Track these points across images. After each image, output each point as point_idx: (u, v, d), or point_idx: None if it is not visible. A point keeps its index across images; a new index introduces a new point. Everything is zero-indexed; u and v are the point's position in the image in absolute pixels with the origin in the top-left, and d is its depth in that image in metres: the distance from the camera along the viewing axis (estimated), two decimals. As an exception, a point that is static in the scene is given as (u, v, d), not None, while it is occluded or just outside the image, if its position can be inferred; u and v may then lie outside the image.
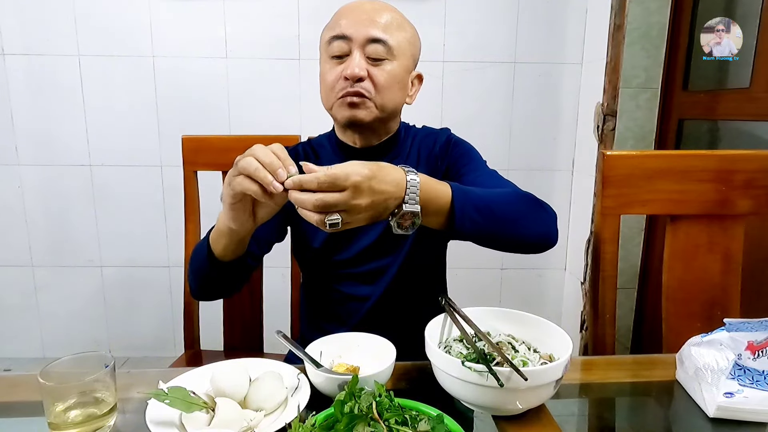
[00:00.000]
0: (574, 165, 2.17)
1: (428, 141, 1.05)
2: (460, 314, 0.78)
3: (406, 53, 0.95)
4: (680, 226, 1.04)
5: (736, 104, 1.60)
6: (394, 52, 0.92)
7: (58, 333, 2.25)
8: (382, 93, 0.92)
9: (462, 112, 2.10)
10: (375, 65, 0.91)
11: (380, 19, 0.91)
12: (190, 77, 2.04)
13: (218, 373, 0.69)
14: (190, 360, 1.26)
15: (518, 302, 2.19)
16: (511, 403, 0.67)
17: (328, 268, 1.02)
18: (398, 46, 0.92)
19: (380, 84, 0.91)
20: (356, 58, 0.89)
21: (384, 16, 0.92)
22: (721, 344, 0.73)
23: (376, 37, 0.90)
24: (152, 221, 2.15)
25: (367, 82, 0.90)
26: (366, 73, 0.90)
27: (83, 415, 0.63)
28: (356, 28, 0.90)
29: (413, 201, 0.69)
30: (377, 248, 0.98)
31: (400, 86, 0.95)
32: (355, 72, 0.88)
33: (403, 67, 0.94)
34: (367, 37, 0.89)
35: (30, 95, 2.03)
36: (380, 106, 0.93)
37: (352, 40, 0.90)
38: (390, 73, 0.92)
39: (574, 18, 2.05)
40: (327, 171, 0.63)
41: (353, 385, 0.58)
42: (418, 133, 1.07)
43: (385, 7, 0.93)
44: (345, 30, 0.90)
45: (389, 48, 0.91)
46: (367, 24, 0.90)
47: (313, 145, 1.06)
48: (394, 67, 0.92)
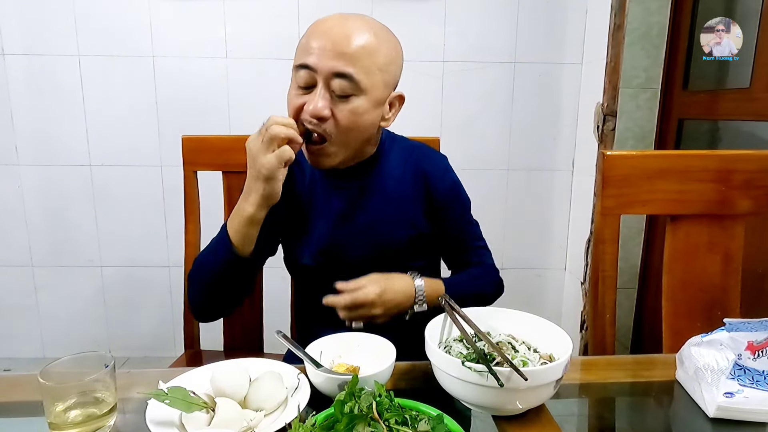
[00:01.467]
0: (574, 165, 2.17)
1: (420, 161, 1.00)
2: (460, 314, 0.78)
3: (378, 84, 0.86)
4: (680, 226, 1.04)
5: (736, 104, 1.60)
6: (362, 86, 0.84)
7: (58, 333, 2.25)
8: (346, 133, 0.86)
9: (462, 112, 2.10)
10: (340, 101, 0.84)
11: (349, 48, 0.82)
12: (190, 77, 2.04)
13: (218, 373, 0.69)
14: (190, 360, 1.26)
15: (518, 302, 2.19)
16: (511, 403, 0.67)
17: (319, 280, 1.00)
18: (367, 79, 0.84)
19: (343, 125, 0.85)
20: (319, 94, 0.83)
21: (354, 41, 0.83)
22: (721, 344, 0.73)
23: (342, 72, 0.82)
24: (152, 221, 2.15)
25: (329, 123, 0.85)
26: (328, 113, 0.84)
27: (83, 415, 0.63)
28: (321, 59, 0.82)
29: (421, 302, 0.91)
30: (369, 266, 0.96)
31: (369, 121, 0.89)
32: (317, 110, 0.83)
33: (374, 100, 0.87)
34: (332, 71, 0.82)
35: (30, 95, 2.03)
36: (344, 145, 0.88)
37: (316, 71, 0.83)
38: (355, 112, 0.85)
39: (574, 18, 2.05)
40: (350, 295, 0.85)
41: (353, 385, 0.58)
42: (405, 146, 1.03)
43: (357, 29, 0.84)
44: (310, 60, 0.83)
45: (356, 83, 0.83)
46: (333, 56, 0.82)
47: (299, 158, 1.00)
48: (361, 104, 0.85)
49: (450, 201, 1.01)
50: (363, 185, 0.98)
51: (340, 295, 0.86)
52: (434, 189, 0.99)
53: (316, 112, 0.83)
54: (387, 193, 0.98)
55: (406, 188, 0.99)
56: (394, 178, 0.99)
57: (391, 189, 0.98)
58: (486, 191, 2.15)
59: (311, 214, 0.99)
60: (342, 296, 0.85)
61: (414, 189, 0.99)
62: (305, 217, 1.00)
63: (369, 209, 0.98)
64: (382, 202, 0.98)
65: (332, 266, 0.99)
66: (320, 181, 0.99)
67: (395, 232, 0.98)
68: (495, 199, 2.17)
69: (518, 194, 2.19)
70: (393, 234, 0.98)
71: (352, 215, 0.98)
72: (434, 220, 1.01)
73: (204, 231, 1.29)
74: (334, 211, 0.98)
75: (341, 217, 0.98)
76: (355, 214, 0.98)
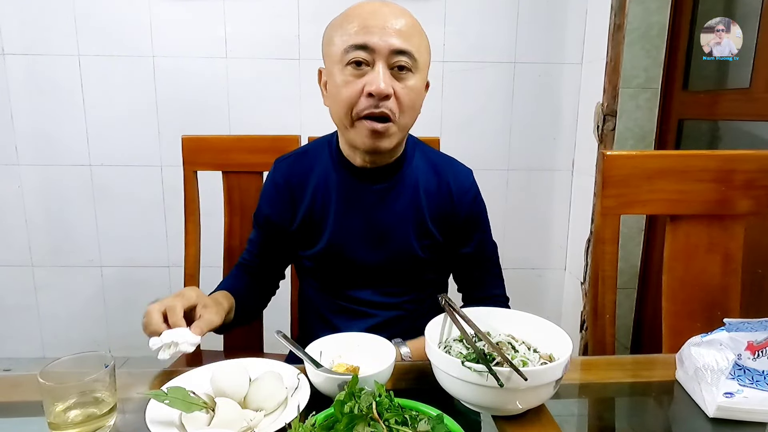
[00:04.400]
0: (574, 165, 2.17)
1: (446, 174, 0.98)
2: (460, 314, 0.78)
3: (426, 64, 0.87)
4: (680, 226, 1.04)
5: (736, 104, 1.60)
6: (418, 64, 0.84)
7: (58, 333, 2.25)
8: (406, 113, 0.85)
9: (462, 112, 2.10)
10: (399, 80, 0.83)
11: (402, 27, 0.82)
12: (190, 77, 2.04)
13: (218, 373, 0.69)
14: (190, 360, 1.26)
15: (518, 302, 2.18)
16: (511, 403, 0.67)
17: (330, 281, 1.01)
18: (421, 57, 0.85)
19: (405, 103, 0.84)
20: (381, 72, 0.81)
21: (404, 22, 0.83)
22: (721, 344, 0.73)
23: (402, 48, 0.81)
24: (152, 221, 2.15)
25: (392, 101, 0.82)
26: (392, 91, 0.82)
27: (83, 415, 0.63)
28: (380, 37, 0.80)
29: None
30: (381, 272, 0.98)
31: (421, 99, 0.89)
32: (381, 89, 0.80)
33: (423, 78, 0.87)
34: (393, 48, 0.81)
35: (30, 95, 2.03)
36: (402, 127, 0.87)
37: (374, 50, 0.80)
38: (414, 90, 0.85)
39: (574, 18, 2.05)
40: None
41: (353, 385, 0.58)
42: (430, 153, 1.01)
43: (403, 12, 0.85)
44: (366, 38, 0.80)
45: (414, 60, 0.83)
46: (391, 32, 0.81)
47: (309, 155, 1.00)
48: (416, 82, 0.85)
49: (471, 222, 0.99)
50: (385, 189, 0.95)
51: None
52: (458, 206, 0.97)
53: (380, 91, 0.80)
54: (407, 200, 0.96)
55: (428, 198, 0.96)
56: (416, 186, 0.96)
57: (412, 196, 0.96)
58: (486, 191, 2.11)
59: (329, 214, 0.97)
60: None
61: (437, 201, 0.96)
62: (322, 217, 0.97)
63: (388, 214, 0.95)
64: (402, 208, 0.95)
65: (345, 268, 0.98)
66: (342, 182, 0.96)
67: (411, 241, 0.96)
68: (495, 199, 2.17)
69: (518, 194, 2.19)
70: (408, 242, 0.96)
71: (370, 218, 0.96)
72: (451, 237, 0.98)
73: (204, 231, 1.30)
74: (351, 213, 0.96)
75: (358, 220, 0.96)
76: (373, 218, 0.96)
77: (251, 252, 1.05)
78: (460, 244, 1.00)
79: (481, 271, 1.04)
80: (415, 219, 0.96)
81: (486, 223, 1.04)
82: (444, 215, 0.97)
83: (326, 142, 1.00)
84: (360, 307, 0.99)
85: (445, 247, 0.99)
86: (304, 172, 0.98)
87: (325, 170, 0.97)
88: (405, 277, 0.98)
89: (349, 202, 0.96)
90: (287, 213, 0.99)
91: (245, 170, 1.24)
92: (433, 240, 0.97)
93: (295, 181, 0.98)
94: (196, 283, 1.27)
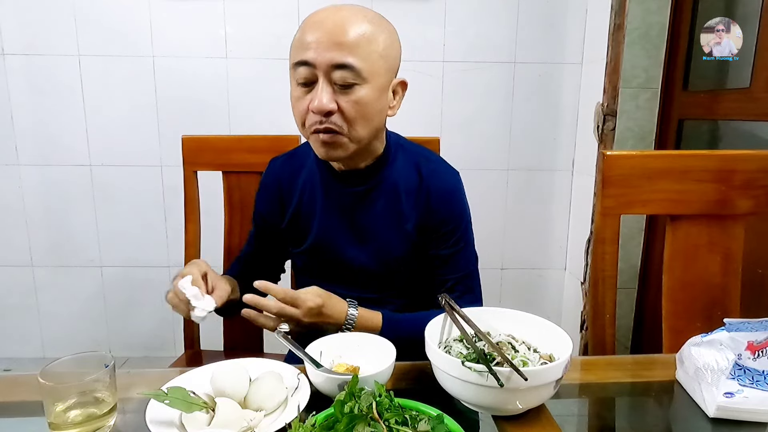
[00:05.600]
0: (574, 165, 2.17)
1: (428, 176, 0.96)
2: (460, 314, 0.78)
3: (380, 71, 0.84)
4: (680, 226, 1.04)
5: (736, 104, 1.60)
6: (364, 74, 0.81)
7: (58, 333, 2.25)
8: (355, 125, 0.84)
9: (462, 112, 2.10)
10: (344, 93, 0.82)
11: (346, 38, 0.80)
12: (190, 77, 2.04)
13: (218, 373, 0.69)
14: (190, 360, 1.26)
15: (518, 302, 2.19)
16: (511, 403, 0.67)
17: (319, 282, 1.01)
18: (369, 67, 0.82)
19: (351, 116, 0.83)
20: (321, 89, 0.81)
21: (351, 31, 0.80)
22: (721, 344, 0.73)
23: (341, 63, 0.80)
24: (152, 221, 2.15)
25: (336, 116, 0.82)
26: (335, 106, 0.81)
27: (83, 415, 0.63)
28: (319, 53, 0.79)
29: (349, 329, 0.88)
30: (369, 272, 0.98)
31: (376, 109, 0.86)
32: (322, 105, 0.80)
33: (378, 87, 0.84)
34: (332, 63, 0.80)
35: (30, 95, 2.03)
36: (355, 139, 0.85)
37: (315, 66, 0.80)
38: (361, 102, 0.83)
39: (574, 18, 2.05)
40: (288, 292, 0.84)
41: (353, 385, 0.58)
42: (414, 153, 0.99)
43: (352, 17, 0.82)
44: (308, 56, 0.80)
45: (357, 72, 0.81)
46: (330, 47, 0.79)
47: (298, 155, 1.03)
48: (366, 93, 0.83)
49: (448, 223, 0.96)
50: (367, 189, 0.96)
51: (273, 299, 0.84)
52: (435, 206, 0.95)
53: (321, 108, 0.81)
54: (387, 202, 0.96)
55: (408, 199, 0.95)
56: (396, 187, 0.96)
57: (391, 198, 0.96)
58: (486, 191, 2.15)
59: (314, 213, 0.99)
60: (283, 291, 0.84)
61: (416, 201, 0.95)
62: (309, 216, 1.00)
63: (368, 215, 0.96)
64: (382, 209, 0.96)
65: (332, 266, 1.00)
66: (325, 183, 0.98)
67: (393, 242, 0.96)
68: (495, 199, 2.17)
69: (518, 194, 2.19)
70: (391, 243, 0.96)
71: (352, 219, 0.97)
72: (427, 237, 0.96)
73: (204, 231, 1.30)
74: (335, 213, 0.98)
75: (341, 220, 0.98)
76: (354, 219, 0.97)
77: (250, 245, 1.11)
78: (434, 245, 0.97)
79: (453, 277, 0.98)
80: (394, 220, 0.96)
81: (466, 229, 0.98)
82: (421, 215, 0.95)
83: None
84: None
85: (422, 248, 0.97)
86: (293, 172, 1.02)
87: (311, 171, 1.00)
88: (389, 277, 0.98)
89: (332, 203, 0.98)
90: (277, 211, 1.03)
91: (245, 170, 1.24)
92: (413, 241, 0.96)
93: (284, 181, 1.02)
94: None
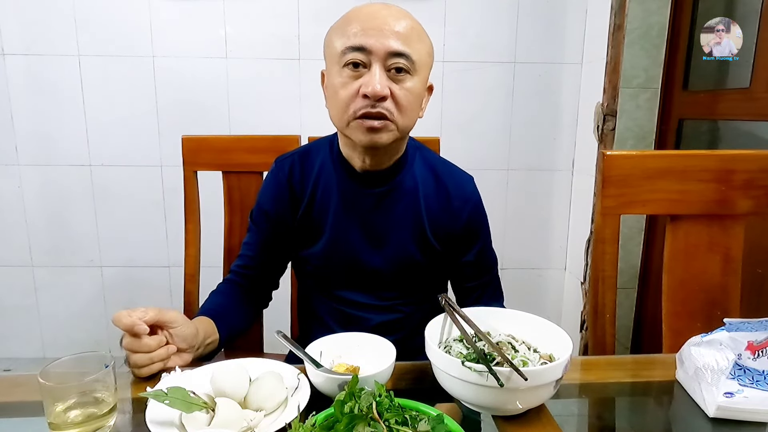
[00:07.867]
0: (574, 165, 2.17)
1: (446, 179, 0.97)
2: (460, 314, 0.78)
3: (425, 67, 0.87)
4: (680, 226, 1.04)
5: (736, 104, 1.60)
6: (416, 66, 0.84)
7: (58, 333, 2.25)
8: (404, 114, 0.85)
9: (462, 112, 2.10)
10: (396, 82, 0.83)
11: (401, 29, 0.82)
12: (190, 77, 2.04)
13: (218, 373, 0.69)
14: (190, 360, 1.25)
15: (518, 302, 2.18)
16: (511, 403, 0.67)
17: (329, 283, 1.01)
18: (419, 59, 0.84)
19: (402, 104, 0.84)
20: (377, 73, 0.81)
21: (403, 24, 0.83)
22: (721, 344, 0.73)
23: (399, 51, 0.81)
24: (152, 221, 2.15)
25: (389, 102, 0.83)
26: (388, 91, 0.82)
27: (83, 415, 0.63)
28: (377, 39, 0.81)
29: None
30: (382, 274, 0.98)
31: (418, 103, 0.88)
32: (377, 90, 0.80)
33: (422, 81, 0.87)
34: (389, 51, 0.81)
35: (30, 95, 2.03)
36: (401, 128, 0.86)
37: (371, 52, 0.81)
38: (411, 91, 0.85)
39: (574, 18, 2.05)
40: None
41: (353, 385, 0.58)
42: (430, 157, 1.00)
43: (403, 14, 0.85)
44: (363, 40, 0.81)
45: (412, 62, 0.83)
46: (389, 35, 0.81)
47: (311, 154, 1.00)
48: (415, 84, 0.85)
49: (470, 231, 0.98)
50: (384, 193, 0.95)
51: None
52: (457, 213, 0.96)
53: (376, 92, 0.81)
54: (406, 205, 0.95)
55: (427, 204, 0.96)
56: (415, 190, 0.96)
57: (410, 201, 0.96)
58: (486, 191, 2.10)
59: (328, 214, 0.97)
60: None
61: (436, 207, 0.96)
62: (322, 217, 0.97)
63: (386, 218, 0.95)
64: (400, 213, 0.95)
65: (343, 269, 0.98)
66: (342, 184, 0.96)
67: (408, 246, 0.96)
68: (495, 199, 2.17)
69: (518, 194, 2.19)
70: (406, 247, 0.96)
71: (368, 222, 0.96)
72: (449, 245, 0.98)
73: (204, 231, 1.30)
74: (350, 215, 0.96)
75: (356, 222, 0.96)
76: (372, 221, 0.96)
77: (246, 256, 1.02)
78: (459, 252, 0.99)
79: (478, 282, 1.03)
80: (413, 224, 0.95)
81: (486, 233, 1.02)
82: (442, 222, 0.96)
83: (328, 142, 1.00)
84: (356, 310, 0.99)
85: (444, 255, 0.98)
86: (306, 171, 0.98)
87: (326, 170, 0.97)
88: (402, 281, 0.98)
89: (348, 204, 0.96)
90: (288, 210, 0.99)
91: (245, 170, 1.24)
92: (431, 246, 0.97)
93: (296, 179, 0.98)
94: (196, 283, 1.27)
